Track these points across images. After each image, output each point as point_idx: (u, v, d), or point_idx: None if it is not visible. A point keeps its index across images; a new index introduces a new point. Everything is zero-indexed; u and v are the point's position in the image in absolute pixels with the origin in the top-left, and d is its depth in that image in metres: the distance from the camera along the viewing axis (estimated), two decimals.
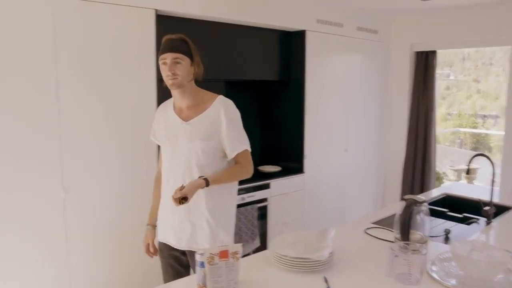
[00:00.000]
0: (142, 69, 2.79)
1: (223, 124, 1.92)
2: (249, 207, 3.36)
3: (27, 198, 2.44)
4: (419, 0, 3.75)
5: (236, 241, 3.25)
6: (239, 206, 3.30)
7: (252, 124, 4.11)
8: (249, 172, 2.02)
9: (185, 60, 1.88)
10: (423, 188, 4.64)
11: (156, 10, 2.83)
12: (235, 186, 2.09)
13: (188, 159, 1.93)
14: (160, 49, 1.89)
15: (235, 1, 3.28)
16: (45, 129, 2.47)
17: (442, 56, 4.61)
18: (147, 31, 2.79)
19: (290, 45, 3.88)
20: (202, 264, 1.49)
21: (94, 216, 2.69)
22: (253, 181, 3.44)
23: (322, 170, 4.10)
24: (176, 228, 1.98)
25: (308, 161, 3.92)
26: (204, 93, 2.01)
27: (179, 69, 1.86)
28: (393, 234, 1.97)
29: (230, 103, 1.99)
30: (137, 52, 2.76)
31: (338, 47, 4.12)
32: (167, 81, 1.89)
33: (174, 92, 1.96)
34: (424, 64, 4.57)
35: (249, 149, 2.03)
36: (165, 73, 1.87)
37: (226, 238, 2.01)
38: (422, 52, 4.58)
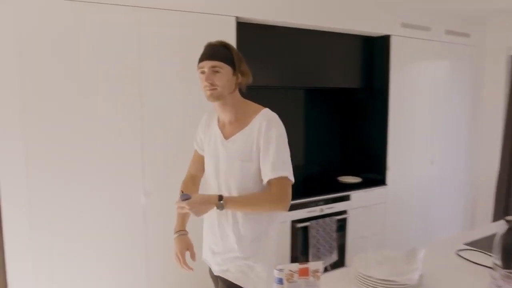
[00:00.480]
0: None
1: (261, 143, 1.66)
2: (327, 219, 3.25)
3: (111, 202, 2.56)
4: None
5: (313, 254, 3.17)
6: (317, 217, 3.21)
7: (333, 133, 4.00)
8: (280, 204, 1.67)
9: (225, 69, 1.68)
10: None
11: (237, 18, 2.85)
12: (277, 214, 1.81)
13: (227, 180, 1.74)
14: (199, 57, 1.73)
15: (315, 6, 3.21)
16: (129, 136, 2.58)
17: None
18: (228, 39, 2.76)
19: (373, 51, 3.73)
20: (280, 281, 1.43)
21: (172, 222, 2.73)
22: (332, 192, 3.34)
23: (406, 183, 3.87)
24: (213, 251, 1.83)
25: (391, 173, 3.73)
26: (249, 106, 1.78)
27: (218, 78, 1.66)
28: (492, 259, 1.76)
29: (273, 118, 1.71)
30: None
31: (424, 52, 3.89)
32: (205, 92, 1.69)
33: (214, 104, 1.76)
34: None
35: (290, 178, 1.68)
36: (203, 83, 1.69)
37: (263, 273, 1.74)
38: None
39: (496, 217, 4.28)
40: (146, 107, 2.60)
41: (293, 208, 3.13)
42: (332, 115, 4.00)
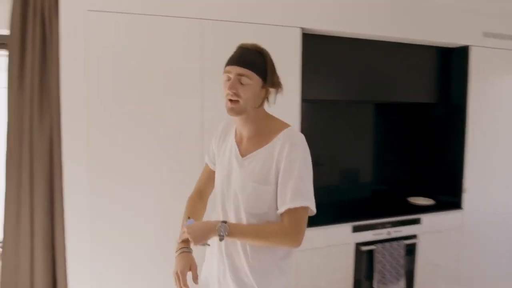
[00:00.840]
0: (286, 89, 2.70)
1: (282, 166, 1.45)
2: (395, 243, 3.01)
3: (172, 210, 2.51)
4: None
5: (378, 281, 2.94)
6: (384, 241, 2.99)
7: (403, 150, 3.75)
8: (291, 240, 1.45)
9: (254, 80, 1.47)
10: None
11: (302, 29, 2.75)
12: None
13: (238, 203, 1.53)
14: (228, 59, 1.53)
15: (385, 16, 3.02)
16: (189, 142, 2.56)
17: None
18: (293, 50, 2.72)
19: (450, 63, 3.45)
20: None
21: None
22: (401, 214, 3.11)
23: (486, 207, 3.50)
24: (220, 282, 1.61)
25: (468, 196, 3.39)
26: (273, 122, 1.58)
27: (244, 90, 1.46)
28: None
29: (298, 138, 1.49)
30: (282, 71, 2.67)
31: (510, 64, 3.54)
32: (226, 102, 1.49)
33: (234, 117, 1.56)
34: None
35: (312, 208, 1.47)
36: (225, 91, 1.48)
37: None
38: None
39: None
40: (206, 113, 2.57)
41: (358, 229, 2.93)
42: (402, 131, 3.75)
